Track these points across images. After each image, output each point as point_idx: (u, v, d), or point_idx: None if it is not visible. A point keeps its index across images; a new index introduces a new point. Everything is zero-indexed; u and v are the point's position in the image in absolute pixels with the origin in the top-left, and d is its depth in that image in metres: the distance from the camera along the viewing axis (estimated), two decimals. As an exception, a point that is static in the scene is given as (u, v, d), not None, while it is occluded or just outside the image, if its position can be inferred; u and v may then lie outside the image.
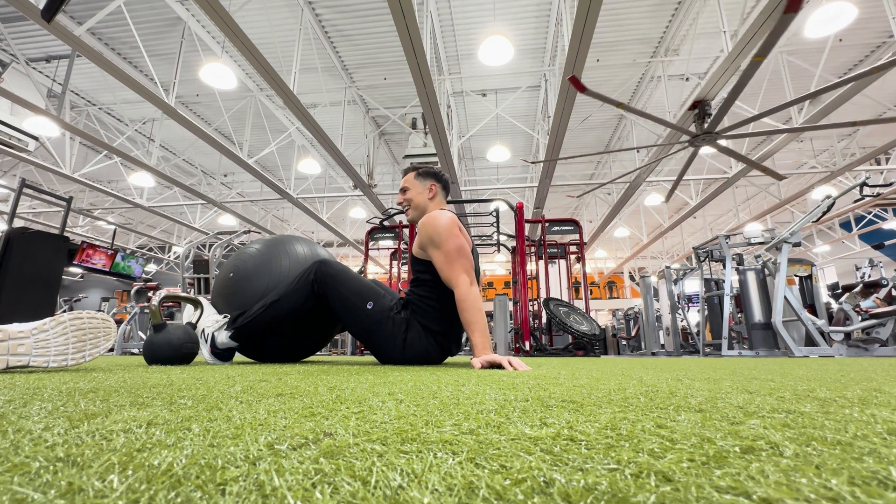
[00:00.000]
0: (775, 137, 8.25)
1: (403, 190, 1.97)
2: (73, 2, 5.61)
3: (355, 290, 1.87)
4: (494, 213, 6.94)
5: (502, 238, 7.78)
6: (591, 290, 18.53)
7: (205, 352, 1.89)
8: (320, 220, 10.70)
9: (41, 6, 3.49)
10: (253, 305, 1.93)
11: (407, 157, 7.15)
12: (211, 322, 1.92)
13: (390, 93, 7.68)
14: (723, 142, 4.91)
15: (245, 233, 7.23)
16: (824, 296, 6.85)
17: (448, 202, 2.14)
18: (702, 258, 6.55)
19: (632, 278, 17.37)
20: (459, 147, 8.54)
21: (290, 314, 1.89)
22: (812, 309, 6.10)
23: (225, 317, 1.94)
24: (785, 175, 5.24)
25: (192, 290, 6.64)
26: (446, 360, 2.28)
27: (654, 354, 7.31)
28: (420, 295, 1.84)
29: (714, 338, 6.86)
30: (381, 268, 17.42)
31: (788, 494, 0.22)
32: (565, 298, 7.80)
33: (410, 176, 1.98)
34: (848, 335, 5.28)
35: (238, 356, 3.05)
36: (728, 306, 5.60)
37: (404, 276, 8.18)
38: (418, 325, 1.81)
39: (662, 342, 8.19)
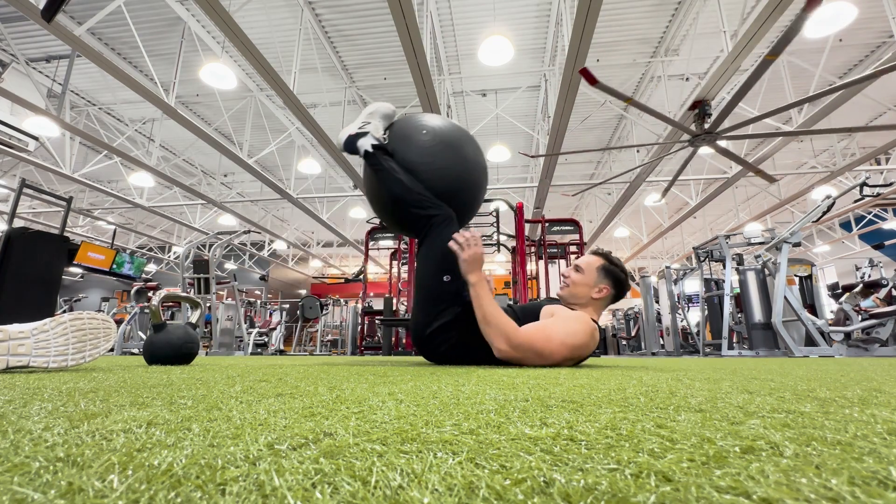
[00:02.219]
0: (775, 137, 8.26)
1: (577, 267, 1.80)
2: (73, 2, 5.61)
3: (448, 257, 1.76)
4: (494, 213, 6.94)
5: (502, 238, 7.78)
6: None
7: (349, 129, 2.05)
8: (320, 220, 10.70)
9: (41, 6, 3.49)
10: (395, 164, 1.95)
11: (407, 157, 7.15)
12: (377, 129, 2.03)
13: (390, 93, 7.68)
14: (722, 142, 4.92)
15: (245, 233, 7.24)
16: (825, 296, 6.84)
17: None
18: (702, 258, 6.55)
19: (632, 278, 17.37)
20: (459, 147, 8.53)
21: (397, 202, 1.91)
22: (812, 309, 6.11)
23: (385, 138, 2.03)
24: (776, 178, 5.26)
25: (192, 290, 6.64)
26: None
27: (654, 354, 7.31)
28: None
29: (714, 338, 6.86)
30: (382, 268, 17.43)
31: (788, 494, 0.22)
32: (565, 298, 7.79)
33: (596, 262, 1.80)
34: (848, 335, 5.28)
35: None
36: (728, 306, 5.60)
37: (404, 276, 8.18)
38: (462, 327, 1.76)
39: (662, 342, 8.19)
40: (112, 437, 0.35)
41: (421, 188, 1.90)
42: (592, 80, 3.39)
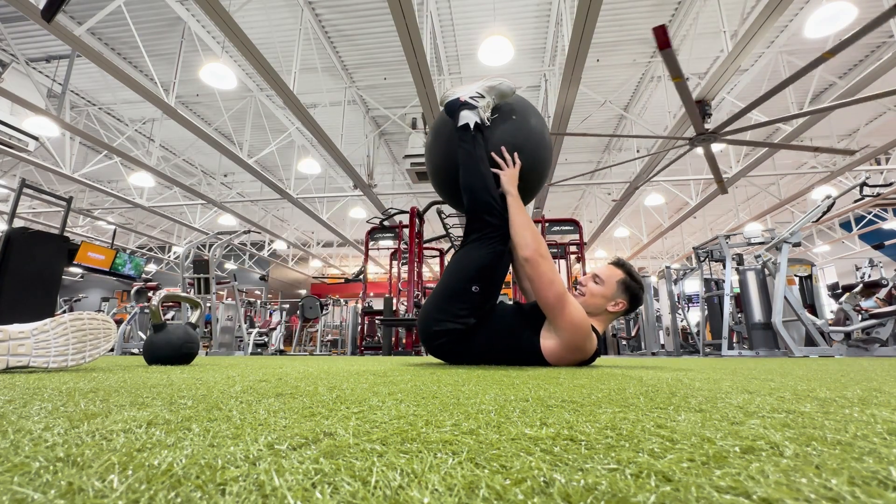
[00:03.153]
0: (775, 137, 8.26)
1: (596, 277, 1.78)
2: (73, 2, 5.61)
3: (486, 271, 1.75)
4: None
5: (502, 238, 7.76)
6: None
7: (462, 92, 1.91)
8: (320, 220, 10.70)
9: (41, 6, 3.49)
10: (483, 152, 1.86)
11: (407, 157, 7.15)
12: (487, 106, 1.90)
13: (390, 93, 7.68)
14: (721, 145, 4.93)
15: (245, 233, 7.24)
16: (825, 296, 6.85)
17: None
18: (702, 258, 6.55)
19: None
20: (459, 147, 8.52)
21: (470, 189, 1.82)
22: (812, 309, 6.10)
23: (489, 121, 1.90)
24: (727, 191, 5.50)
25: (192, 290, 6.64)
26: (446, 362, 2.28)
27: (654, 354, 7.31)
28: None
29: (714, 338, 6.86)
30: (382, 268, 17.43)
31: (788, 494, 0.22)
32: (565, 298, 7.79)
33: (617, 275, 1.77)
34: (848, 335, 5.28)
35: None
36: (728, 306, 5.60)
37: (404, 276, 8.18)
38: (465, 340, 1.74)
39: (662, 342, 8.20)
40: (112, 437, 0.35)
41: (497, 193, 1.82)
42: (666, 43, 3.01)
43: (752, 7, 5.13)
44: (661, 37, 2.97)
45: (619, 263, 1.81)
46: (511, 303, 1.93)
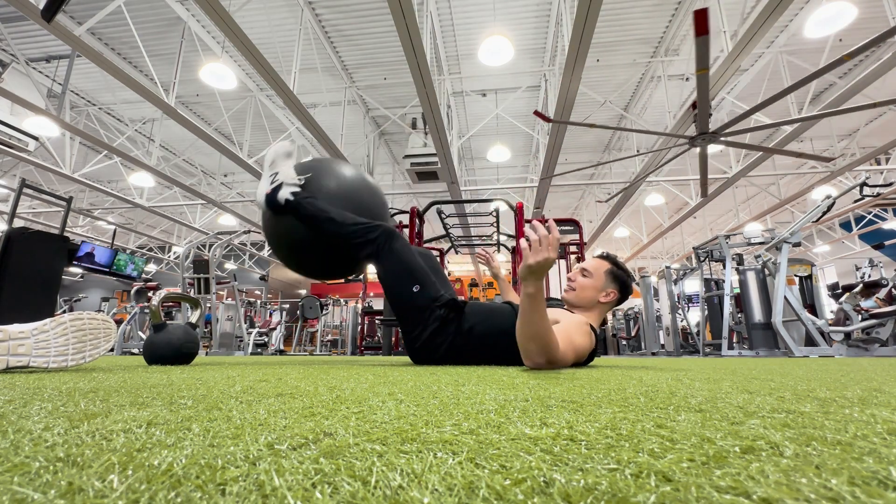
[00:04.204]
0: (775, 137, 8.26)
1: (584, 271, 1.78)
2: (73, 2, 5.61)
3: (408, 269, 1.84)
4: (494, 213, 6.93)
5: (502, 238, 7.78)
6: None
7: (264, 187, 1.99)
8: (320, 220, 10.68)
9: (41, 6, 3.49)
10: (321, 203, 1.95)
11: (407, 157, 7.15)
12: (290, 176, 1.99)
13: (390, 93, 7.68)
14: (717, 147, 4.93)
15: (245, 233, 7.24)
16: (825, 296, 6.84)
17: (448, 202, 2.14)
18: (702, 258, 6.55)
19: (633, 280, 17.37)
20: (459, 147, 8.54)
21: (336, 240, 1.92)
22: (812, 309, 6.11)
23: (301, 181, 1.99)
24: (707, 194, 5.55)
25: (192, 290, 6.64)
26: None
27: (654, 354, 7.31)
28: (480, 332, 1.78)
29: (714, 338, 6.86)
30: (381, 268, 17.40)
31: (788, 494, 0.22)
32: (565, 298, 7.79)
33: (604, 266, 1.77)
34: (848, 335, 5.28)
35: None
36: (728, 306, 5.60)
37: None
38: (458, 333, 1.77)
39: (662, 342, 8.19)
40: (112, 437, 0.35)
41: (351, 217, 1.92)
42: (705, 28, 2.78)
43: (752, 7, 5.12)
44: (701, 22, 2.75)
45: (603, 255, 1.83)
46: (506, 304, 1.92)
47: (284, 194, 1.94)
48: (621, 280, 1.76)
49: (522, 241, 1.20)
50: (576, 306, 1.77)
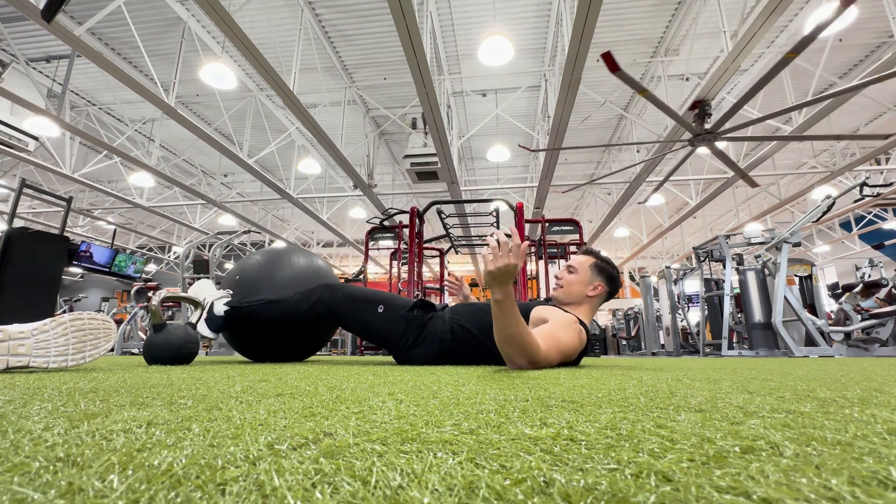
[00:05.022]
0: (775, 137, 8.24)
1: (570, 268, 1.80)
2: (73, 2, 5.60)
3: (363, 301, 1.95)
4: (494, 213, 6.93)
5: (502, 238, 7.75)
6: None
7: (201, 320, 1.97)
8: (320, 220, 10.69)
9: (41, 6, 3.49)
10: (254, 297, 2.04)
11: (407, 157, 7.15)
12: (212, 293, 2.03)
13: (390, 93, 7.68)
14: (722, 143, 4.93)
15: (245, 233, 7.24)
16: (825, 296, 6.84)
17: (448, 202, 2.15)
18: (702, 258, 6.55)
19: (632, 278, 17.37)
20: (459, 147, 8.54)
21: (286, 317, 1.98)
22: (812, 309, 6.11)
23: (228, 292, 2.05)
24: (758, 184, 5.39)
25: (192, 290, 6.63)
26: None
27: (654, 354, 7.31)
28: (462, 325, 1.81)
29: (714, 338, 6.86)
30: (382, 268, 17.42)
31: (788, 494, 0.22)
32: (565, 298, 7.79)
33: (588, 260, 1.80)
34: (848, 335, 5.28)
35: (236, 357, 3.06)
36: (728, 306, 5.60)
37: (404, 276, 8.18)
38: (438, 324, 1.83)
39: (662, 342, 8.19)
40: (112, 437, 0.35)
41: (287, 293, 2.03)
42: (614, 67, 3.36)
43: (752, 7, 5.12)
44: (610, 62, 3.34)
45: (587, 251, 1.87)
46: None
47: (219, 309, 1.97)
48: (606, 272, 1.78)
49: (484, 251, 1.21)
50: (565, 303, 1.77)
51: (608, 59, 3.25)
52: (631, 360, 3.52)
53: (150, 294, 7.51)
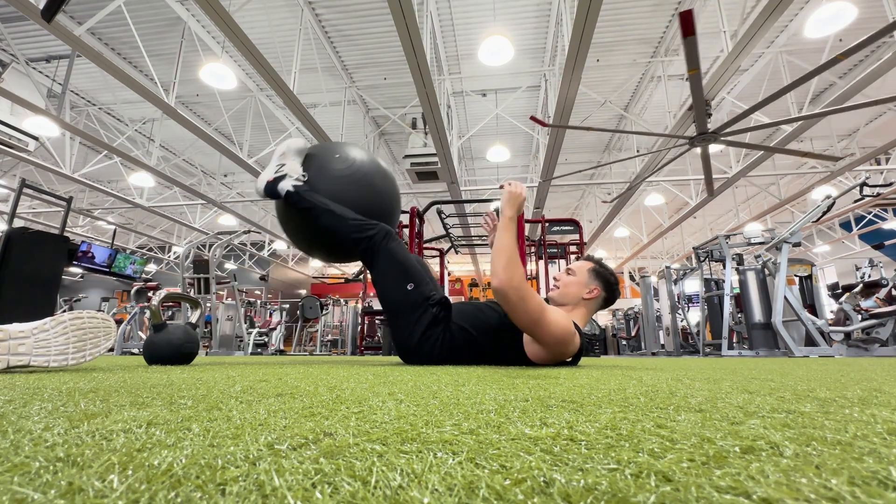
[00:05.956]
0: (776, 137, 8.26)
1: (568, 270, 1.83)
2: (73, 2, 5.60)
3: (403, 268, 1.89)
4: (495, 214, 6.93)
5: (502, 238, 7.75)
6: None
7: (267, 175, 2.05)
8: (320, 220, 10.68)
9: (41, 6, 3.49)
10: (321, 198, 2.01)
11: (407, 157, 7.15)
12: (295, 169, 2.06)
13: (390, 93, 7.68)
14: (720, 146, 4.94)
15: (245, 233, 7.24)
16: (825, 296, 6.84)
17: (448, 202, 2.15)
18: (702, 258, 6.55)
19: (632, 278, 17.37)
20: (459, 147, 8.54)
21: (334, 232, 1.98)
22: (812, 309, 6.11)
23: (305, 177, 2.06)
24: (714, 195, 5.62)
25: (192, 290, 6.64)
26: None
27: (654, 354, 7.31)
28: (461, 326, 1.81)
29: (714, 338, 6.86)
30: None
31: (788, 494, 0.22)
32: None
33: (586, 265, 1.83)
34: (848, 335, 5.28)
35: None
36: (728, 306, 5.60)
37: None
38: (447, 331, 1.80)
39: (662, 342, 8.19)
40: (112, 437, 0.35)
41: (351, 213, 1.98)
42: (689, 30, 2.87)
43: (752, 7, 5.12)
44: (687, 23, 2.84)
45: (588, 258, 1.90)
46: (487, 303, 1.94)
47: (285, 186, 2.02)
48: (604, 277, 1.80)
49: (504, 183, 1.67)
50: (561, 304, 1.79)
51: (687, 20, 2.82)
52: (631, 360, 3.52)
53: (150, 294, 7.51)
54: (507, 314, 1.59)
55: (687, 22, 2.84)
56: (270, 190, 2.05)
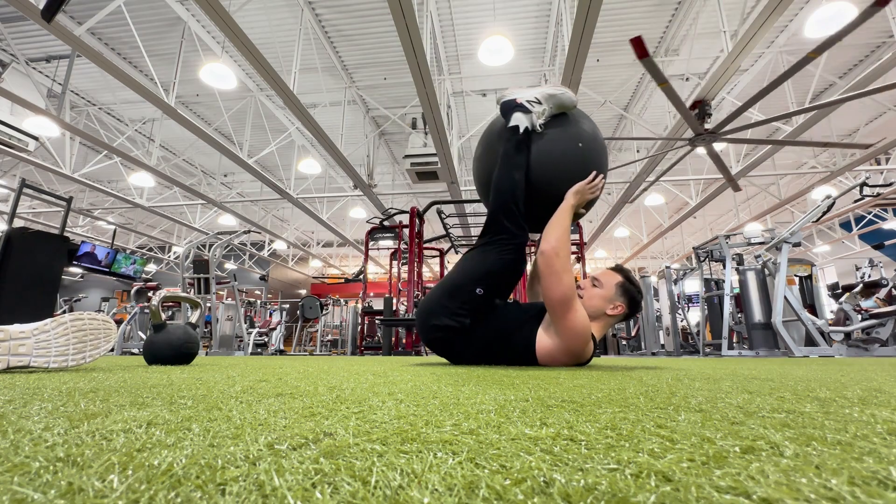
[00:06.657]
0: (776, 136, 8.26)
1: (595, 280, 1.77)
2: (73, 2, 5.60)
3: (493, 275, 1.77)
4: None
5: (502, 238, 7.75)
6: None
7: (523, 94, 1.88)
8: (320, 220, 10.70)
9: (41, 6, 3.49)
10: (530, 158, 1.85)
11: (407, 157, 7.15)
12: (541, 115, 1.87)
13: (390, 93, 7.68)
14: (721, 145, 4.94)
15: (245, 233, 7.24)
16: (825, 296, 6.84)
17: (448, 202, 2.10)
18: (702, 258, 6.55)
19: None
20: (459, 147, 8.54)
21: (500, 189, 1.83)
22: (812, 309, 6.11)
23: (541, 128, 1.87)
24: (741, 188, 5.60)
25: (192, 290, 6.64)
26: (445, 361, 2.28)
27: (654, 354, 7.31)
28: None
29: (714, 338, 6.86)
30: (382, 268, 17.42)
31: (788, 494, 0.22)
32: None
33: (616, 277, 1.76)
34: (848, 335, 5.28)
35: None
36: (728, 306, 5.60)
37: (404, 276, 8.18)
38: (459, 338, 1.77)
39: (662, 342, 8.19)
40: (112, 437, 0.35)
41: (521, 202, 1.82)
42: (643, 53, 3.12)
43: (752, 7, 5.13)
44: (639, 47, 3.11)
45: (617, 268, 1.81)
46: (511, 302, 1.91)
47: (519, 120, 1.84)
48: (630, 294, 1.73)
49: (583, 183, 1.79)
50: None
51: (638, 44, 3.09)
52: (631, 360, 3.52)
53: (150, 294, 7.51)
54: (540, 291, 1.63)
55: (638, 46, 3.15)
56: (507, 107, 1.89)
